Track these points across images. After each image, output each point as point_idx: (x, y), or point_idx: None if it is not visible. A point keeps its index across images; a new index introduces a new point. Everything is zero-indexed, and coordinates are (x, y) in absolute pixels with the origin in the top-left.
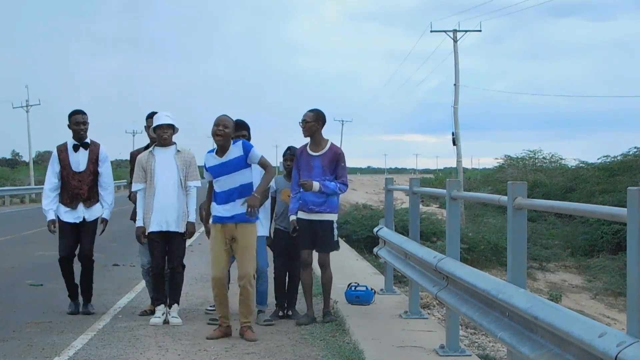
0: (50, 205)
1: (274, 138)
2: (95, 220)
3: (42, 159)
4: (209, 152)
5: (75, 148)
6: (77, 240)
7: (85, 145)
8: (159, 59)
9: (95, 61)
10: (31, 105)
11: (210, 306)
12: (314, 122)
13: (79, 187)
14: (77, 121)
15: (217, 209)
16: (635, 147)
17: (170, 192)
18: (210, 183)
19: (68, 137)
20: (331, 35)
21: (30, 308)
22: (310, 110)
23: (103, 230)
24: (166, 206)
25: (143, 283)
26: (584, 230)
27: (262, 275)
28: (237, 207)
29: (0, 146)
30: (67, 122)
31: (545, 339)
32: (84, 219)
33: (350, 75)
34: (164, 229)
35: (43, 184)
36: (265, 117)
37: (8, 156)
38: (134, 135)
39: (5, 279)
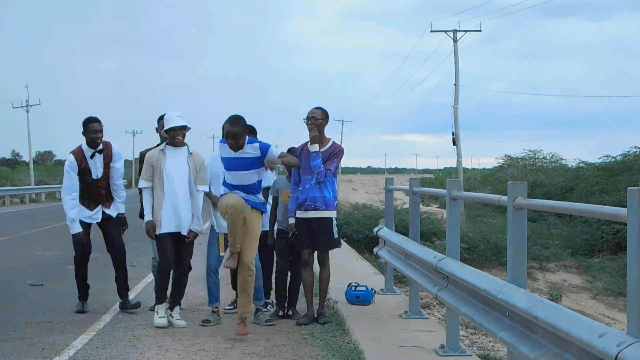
0: (76, 215)
1: (273, 138)
2: (118, 216)
3: (42, 159)
4: (223, 141)
5: (92, 156)
6: (89, 237)
7: (100, 151)
8: (158, 59)
9: (94, 61)
10: (31, 105)
11: (228, 306)
12: (322, 119)
13: (98, 193)
14: (95, 129)
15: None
16: (635, 147)
17: (182, 193)
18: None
19: (71, 138)
20: (329, 35)
21: (30, 308)
22: (317, 108)
23: (125, 225)
24: (178, 208)
25: (143, 283)
26: (584, 230)
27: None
28: (249, 198)
29: (0, 146)
30: (82, 129)
31: (545, 339)
32: (103, 215)
33: (349, 75)
34: (175, 230)
35: (43, 184)
36: (264, 117)
37: (8, 156)
38: (134, 135)
39: (5, 279)
